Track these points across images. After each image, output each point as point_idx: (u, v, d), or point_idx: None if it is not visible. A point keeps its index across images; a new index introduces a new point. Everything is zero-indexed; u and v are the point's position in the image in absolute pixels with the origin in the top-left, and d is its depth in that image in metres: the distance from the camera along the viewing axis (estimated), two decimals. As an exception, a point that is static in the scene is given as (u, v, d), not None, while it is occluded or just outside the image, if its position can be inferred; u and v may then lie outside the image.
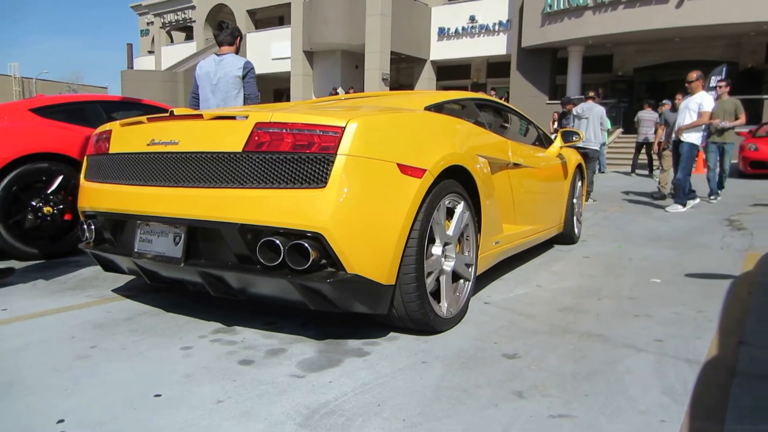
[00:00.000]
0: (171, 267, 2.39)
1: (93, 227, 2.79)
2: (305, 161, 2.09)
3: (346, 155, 2.09)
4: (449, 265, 2.56)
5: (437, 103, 3.12)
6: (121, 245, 2.69)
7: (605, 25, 16.99)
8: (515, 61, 20.47)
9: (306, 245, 2.05)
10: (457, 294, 2.66)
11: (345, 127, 2.12)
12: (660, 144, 9.88)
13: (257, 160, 2.15)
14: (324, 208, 2.05)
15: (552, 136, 4.66)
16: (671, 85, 10.20)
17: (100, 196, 2.70)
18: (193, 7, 30.34)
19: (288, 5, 24.26)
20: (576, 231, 4.79)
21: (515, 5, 20.09)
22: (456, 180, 2.58)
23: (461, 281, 2.70)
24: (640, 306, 2.94)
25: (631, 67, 21.47)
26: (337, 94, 19.20)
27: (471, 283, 2.75)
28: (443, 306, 2.50)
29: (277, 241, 2.08)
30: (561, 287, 3.34)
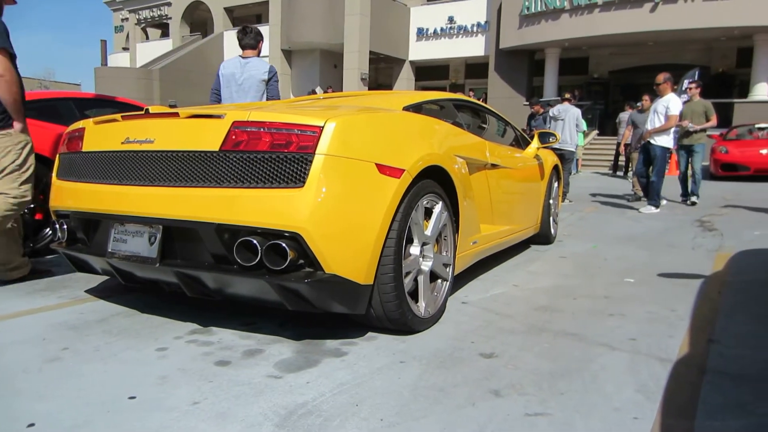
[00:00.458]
0: (146, 267, 2.35)
1: (65, 227, 2.74)
2: (283, 161, 2.08)
3: (324, 155, 2.08)
4: (427, 265, 2.57)
5: (416, 104, 3.12)
6: (95, 245, 2.64)
7: (581, 28, 17.24)
8: (493, 63, 20.66)
9: (284, 245, 2.04)
10: (435, 294, 2.67)
11: (323, 127, 2.11)
12: (627, 146, 10.03)
13: (234, 159, 2.13)
14: (302, 207, 2.04)
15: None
16: (645, 88, 10.34)
17: (72, 195, 2.64)
18: (169, 4, 29.92)
19: (266, 3, 24.08)
20: (552, 231, 4.85)
21: (493, 7, 20.27)
22: (434, 180, 2.59)
23: (439, 281, 2.71)
24: (614, 305, 2.99)
25: (607, 70, 21.84)
26: (316, 93, 19.12)
27: (449, 283, 2.77)
28: (421, 306, 2.51)
29: (255, 241, 2.06)
30: (537, 287, 3.38)
